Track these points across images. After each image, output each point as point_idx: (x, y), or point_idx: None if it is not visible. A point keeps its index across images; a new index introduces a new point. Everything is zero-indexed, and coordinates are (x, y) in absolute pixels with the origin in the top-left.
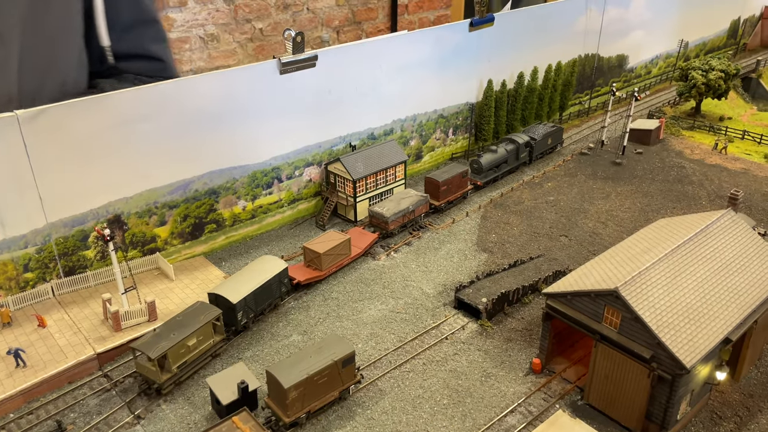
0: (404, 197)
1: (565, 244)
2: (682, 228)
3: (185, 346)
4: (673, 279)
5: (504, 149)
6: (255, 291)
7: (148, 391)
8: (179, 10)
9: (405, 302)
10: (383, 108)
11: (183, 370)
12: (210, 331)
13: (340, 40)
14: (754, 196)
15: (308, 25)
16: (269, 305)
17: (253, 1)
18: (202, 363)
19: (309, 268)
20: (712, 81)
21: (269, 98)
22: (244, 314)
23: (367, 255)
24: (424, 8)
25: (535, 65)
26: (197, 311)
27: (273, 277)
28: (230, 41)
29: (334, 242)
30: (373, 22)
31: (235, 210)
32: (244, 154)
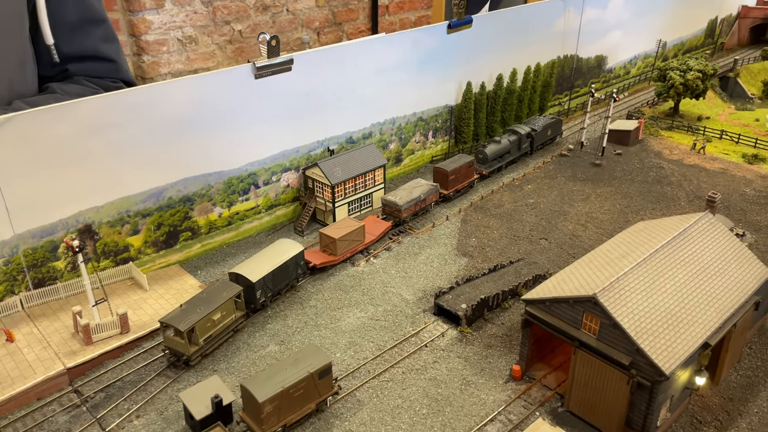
0: (416, 186)
1: (545, 247)
2: (661, 231)
3: (210, 320)
4: (652, 283)
5: (507, 140)
6: (273, 271)
7: (176, 363)
8: (156, 12)
9: (384, 309)
10: (362, 111)
11: (209, 343)
12: (232, 306)
13: (321, 42)
14: (732, 197)
15: (288, 27)
16: (286, 286)
17: (231, 2)
18: (225, 337)
19: (324, 253)
20: (690, 81)
21: (244, 103)
22: (263, 293)
23: (346, 261)
24: (405, 9)
25: (514, 67)
26: (219, 288)
27: (290, 259)
28: (209, 43)
29: (349, 228)
30: (354, 23)
31: (211, 217)
32: (219, 160)
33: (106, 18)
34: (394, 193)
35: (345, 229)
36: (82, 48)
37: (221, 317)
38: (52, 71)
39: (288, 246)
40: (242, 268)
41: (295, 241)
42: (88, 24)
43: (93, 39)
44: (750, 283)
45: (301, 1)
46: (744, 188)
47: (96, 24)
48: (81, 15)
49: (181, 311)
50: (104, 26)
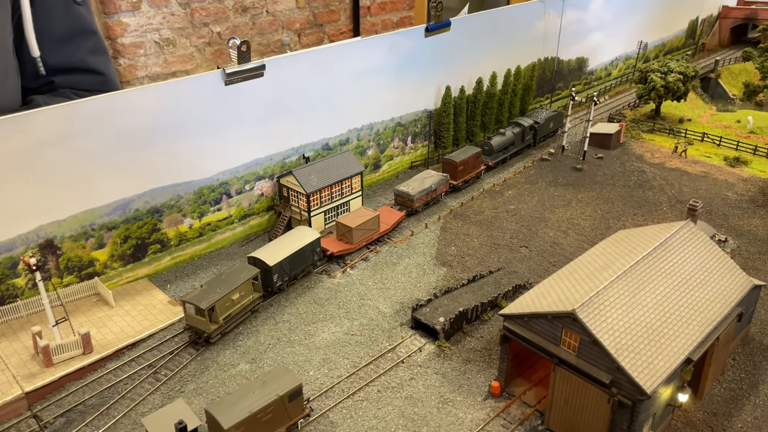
0: (427, 177)
1: (525, 255)
2: (641, 241)
3: (230, 299)
4: (633, 297)
5: (511, 132)
6: (290, 256)
7: (198, 341)
8: (132, 14)
9: (360, 323)
10: (338, 117)
11: (228, 322)
12: (250, 288)
13: (302, 43)
14: (714, 201)
15: (268, 29)
16: (302, 271)
17: (210, 4)
18: (243, 317)
19: (341, 241)
20: (671, 83)
21: (214, 110)
22: (280, 277)
23: (322, 272)
24: (387, 10)
25: (494, 70)
26: (238, 270)
27: (306, 245)
28: (187, 45)
29: (365, 218)
30: (335, 24)
31: (181, 228)
32: (188, 170)
33: (96, 30)
34: (406, 183)
35: (361, 218)
36: (70, 60)
37: (240, 297)
38: (36, 83)
39: (305, 232)
40: (260, 253)
41: (313, 229)
42: (76, 36)
43: (81, 51)
44: (733, 294)
45: (281, 3)
46: (726, 192)
47: (85, 36)
48: (70, 26)
49: (201, 291)
50: (94, 38)
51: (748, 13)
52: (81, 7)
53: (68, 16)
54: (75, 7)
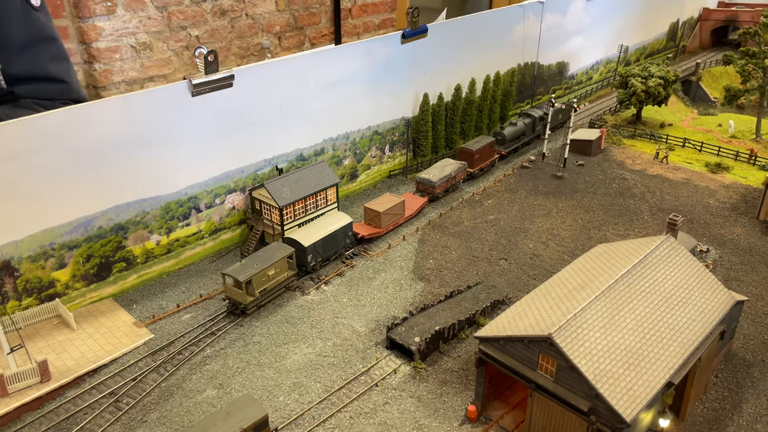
0: (446, 165)
1: (504, 268)
2: (620, 257)
3: (266, 275)
4: (611, 319)
5: (522, 123)
6: (324, 238)
7: (235, 311)
8: (107, 18)
9: (334, 344)
10: (312, 127)
11: (263, 296)
12: (285, 265)
13: (282, 46)
14: (695, 209)
15: (248, 32)
16: (334, 253)
17: (187, 7)
18: (277, 293)
19: (369, 225)
20: (652, 88)
21: (181, 122)
22: (314, 257)
23: (295, 290)
24: (368, 12)
25: (473, 76)
26: (274, 249)
27: (339, 229)
28: (164, 50)
29: (391, 203)
30: (317, 27)
31: (148, 245)
32: (154, 185)
33: (57, 36)
34: (427, 171)
35: (387, 203)
36: (30, 69)
37: (275, 273)
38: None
39: (339, 217)
40: (296, 234)
41: (345, 213)
42: (36, 43)
43: (42, 59)
44: (714, 312)
45: (260, 6)
46: (707, 199)
47: (45, 43)
48: (29, 34)
49: (240, 266)
50: (54, 45)
51: (729, 15)
52: (39, 13)
53: (27, 23)
54: (33, 14)
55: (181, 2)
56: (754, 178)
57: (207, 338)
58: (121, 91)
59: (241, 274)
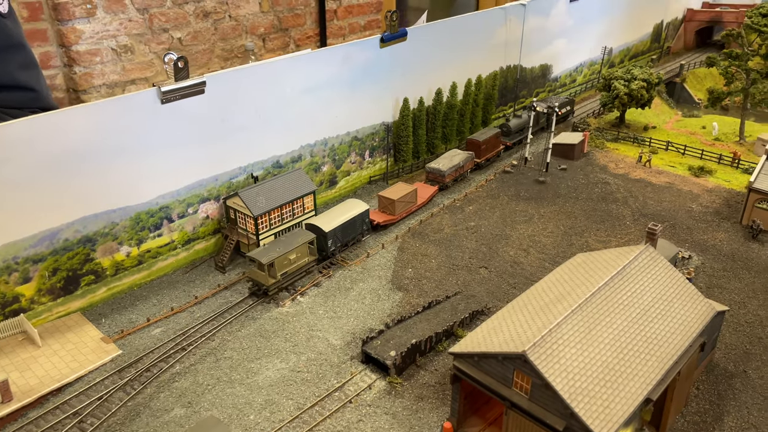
0: (455, 155)
1: (484, 277)
2: (599, 268)
3: (288, 258)
4: (588, 333)
5: (527, 115)
6: (343, 224)
7: (257, 293)
8: (87, 21)
9: (308, 358)
10: (289, 133)
11: (285, 279)
12: (306, 250)
13: (267, 48)
14: (678, 213)
15: (231, 34)
16: (352, 239)
17: (169, 9)
18: (298, 277)
19: (384, 213)
20: (635, 91)
21: (151, 131)
22: (333, 242)
23: (270, 302)
24: (354, 13)
25: (454, 80)
26: (296, 234)
27: (357, 215)
28: (146, 52)
29: (404, 191)
30: (301, 29)
31: (117, 257)
32: (123, 195)
33: (25, 43)
34: (436, 161)
35: (401, 191)
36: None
37: (296, 258)
38: None
39: (356, 204)
40: (316, 220)
41: (362, 201)
42: (4, 51)
43: (10, 67)
44: (694, 324)
45: (244, 7)
46: (690, 204)
47: (12, 50)
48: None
49: (263, 249)
50: (23, 52)
51: (713, 15)
52: (7, 20)
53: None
54: (0, 21)
55: (163, 4)
56: (737, 182)
57: (177, 354)
58: (102, 95)
59: (264, 256)
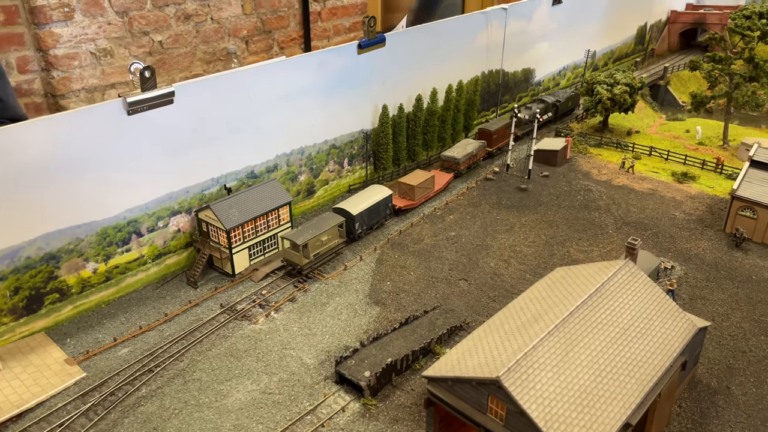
0: (468, 144)
1: (464, 289)
2: (578, 284)
3: (320, 240)
4: (565, 356)
5: (537, 107)
6: (369, 208)
7: (291, 272)
8: (65, 24)
9: (280, 379)
10: (263, 143)
11: (317, 259)
12: (336, 233)
13: (250, 51)
14: (661, 221)
15: (213, 36)
16: (377, 222)
17: (149, 12)
18: (328, 258)
19: (404, 198)
20: (618, 96)
21: (117, 143)
22: (360, 225)
23: (243, 318)
24: (338, 15)
25: (434, 86)
26: (327, 218)
27: (381, 200)
28: (126, 56)
29: (423, 178)
30: (285, 31)
31: (84, 274)
32: (89, 210)
33: None
34: (451, 149)
35: (420, 178)
36: None
37: (327, 239)
38: None
39: (380, 190)
40: (345, 204)
41: (385, 186)
42: None
43: None
44: (675, 343)
45: (226, 9)
46: (673, 211)
47: None
48: None
49: (297, 231)
50: None
51: (697, 17)
52: None
53: None
54: None
55: (143, 7)
56: (721, 188)
57: (143, 376)
58: (81, 99)
59: (298, 237)
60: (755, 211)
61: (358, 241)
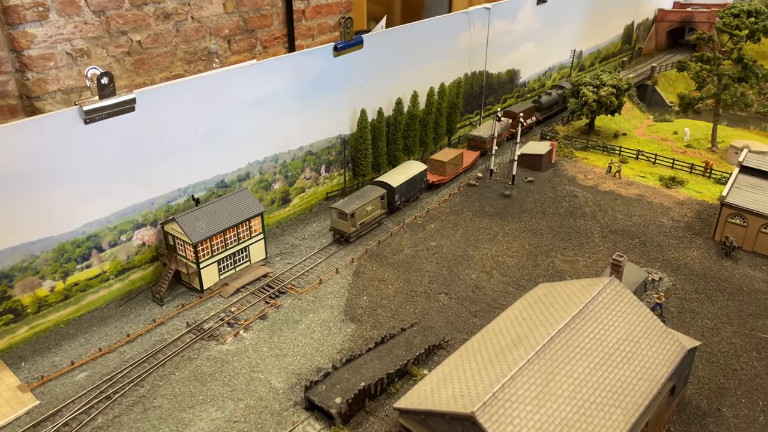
0: (494, 125)
1: (444, 304)
2: (561, 304)
3: (365, 210)
4: (546, 386)
5: (556, 93)
6: (407, 181)
7: (340, 240)
8: (39, 25)
9: (247, 405)
10: (234, 150)
11: (362, 228)
12: (378, 204)
13: (232, 50)
14: (648, 229)
15: (194, 36)
16: (413, 195)
17: (127, 11)
18: (371, 228)
19: (436, 174)
20: (604, 98)
21: (73, 154)
22: (399, 197)
23: (210, 338)
24: (323, 13)
25: (415, 89)
26: (370, 189)
27: (417, 174)
28: (104, 56)
29: (453, 154)
30: (268, 30)
31: (40, 293)
32: (44, 225)
33: None
34: (477, 129)
35: (450, 155)
36: None
37: (371, 209)
38: None
39: (415, 164)
40: (385, 177)
41: (420, 162)
42: None
43: None
44: (663, 367)
45: (207, 8)
46: (661, 218)
47: None
48: None
49: (344, 202)
50: None
51: (685, 15)
52: None
53: None
54: None
55: (121, 6)
56: (710, 193)
57: (100, 403)
58: (57, 101)
59: (346, 207)
60: (745, 219)
61: (397, 212)
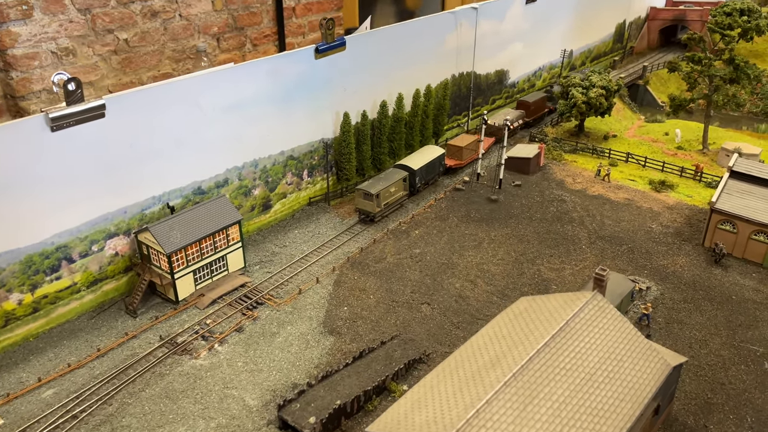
0: (507, 114)
1: (426, 314)
2: (542, 320)
3: (389, 191)
4: (524, 409)
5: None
6: (427, 164)
7: (365, 220)
8: (23, 23)
9: (218, 424)
10: (211, 156)
11: (386, 208)
12: (401, 185)
13: (221, 48)
14: (637, 235)
15: (182, 34)
16: (432, 178)
17: (114, 9)
18: (394, 208)
19: (453, 159)
20: (593, 99)
21: (39, 162)
22: (420, 179)
23: (183, 353)
24: (314, 11)
25: (400, 91)
26: (393, 172)
27: (436, 158)
28: (90, 55)
29: (469, 140)
30: (258, 28)
31: (7, 306)
32: (9, 236)
33: None
34: (493, 117)
35: (467, 140)
36: None
37: (395, 191)
38: None
39: (434, 149)
40: (406, 160)
41: (438, 147)
42: None
43: None
44: (647, 386)
45: (195, 6)
46: (650, 223)
47: None
48: None
49: (369, 183)
50: None
51: (677, 14)
52: None
53: None
54: None
55: (107, 4)
56: (700, 197)
57: (67, 423)
58: (42, 101)
59: (372, 188)
60: (735, 225)
61: (417, 194)
